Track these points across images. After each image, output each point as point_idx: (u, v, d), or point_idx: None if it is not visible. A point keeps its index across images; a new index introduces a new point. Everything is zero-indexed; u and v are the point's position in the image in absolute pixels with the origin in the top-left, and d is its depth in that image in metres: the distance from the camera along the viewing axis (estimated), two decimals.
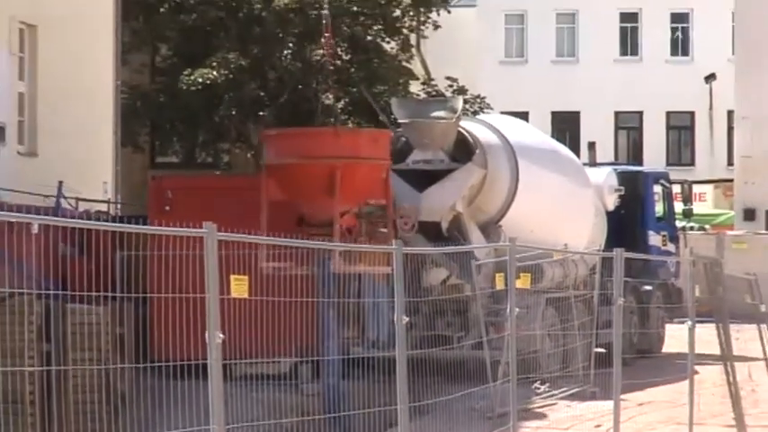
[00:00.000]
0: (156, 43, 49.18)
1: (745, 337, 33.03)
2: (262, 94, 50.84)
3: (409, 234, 35.73)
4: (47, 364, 25.73)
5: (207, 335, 15.00)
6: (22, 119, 40.63)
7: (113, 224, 30.49)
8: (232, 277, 16.10)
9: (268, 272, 28.04)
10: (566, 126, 73.46)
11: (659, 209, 48.72)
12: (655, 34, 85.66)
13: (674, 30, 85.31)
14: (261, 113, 47.41)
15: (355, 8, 46.73)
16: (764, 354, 32.20)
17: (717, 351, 31.80)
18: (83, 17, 43.17)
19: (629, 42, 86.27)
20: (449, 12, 59.59)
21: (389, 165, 38.59)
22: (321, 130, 44.23)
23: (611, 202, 44.72)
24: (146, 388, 24.08)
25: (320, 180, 36.82)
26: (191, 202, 33.48)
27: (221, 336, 14.81)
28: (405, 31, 53.37)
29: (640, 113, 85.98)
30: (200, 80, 47.04)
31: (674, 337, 38.11)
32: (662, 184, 50.01)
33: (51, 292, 26.40)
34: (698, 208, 65.15)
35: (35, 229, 18.54)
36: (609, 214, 44.11)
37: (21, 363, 23.91)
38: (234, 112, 47.26)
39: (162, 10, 47.00)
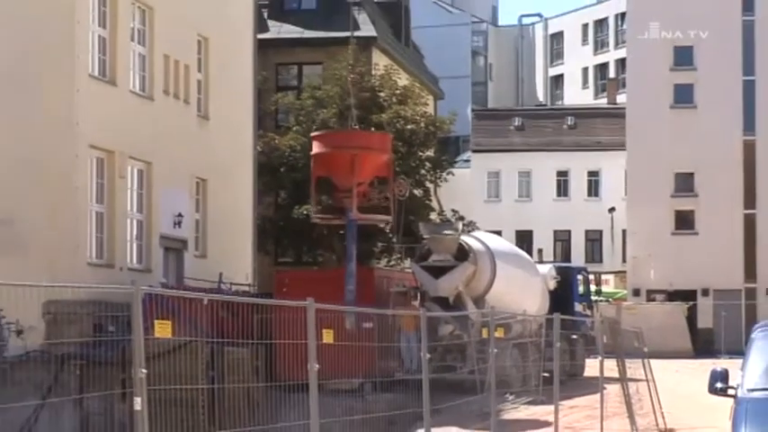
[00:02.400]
0: (278, 190, 48.63)
1: (634, 366, 32.52)
2: None
3: (428, 304, 35.44)
4: (211, 383, 25.55)
5: (309, 365, 14.87)
6: (197, 235, 40.40)
7: (252, 299, 30.10)
8: (324, 330, 16.04)
9: (347, 327, 27.86)
10: (524, 239, 72.33)
11: (581, 289, 48.25)
12: (578, 183, 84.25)
13: (589, 181, 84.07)
14: (341, 232, 46.97)
15: (397, 169, 46.33)
16: (645, 377, 31.75)
17: (617, 375, 31.34)
18: (234, 174, 43.23)
19: (562, 188, 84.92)
20: (452, 173, 58.91)
21: (390, 155, 41.20)
22: (345, 132, 44.42)
23: (552, 284, 44.60)
24: (273, 398, 23.82)
25: (345, 162, 38.64)
26: (299, 285, 33.24)
27: (317, 365, 14.74)
28: (427, 183, 52.75)
29: (569, 231, 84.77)
30: (305, 213, 46.61)
31: (591, 366, 37.89)
32: (582, 274, 49.85)
33: (214, 340, 26.18)
34: (605, 288, 64.37)
35: (205, 302, 18.57)
36: (550, 292, 43.70)
37: (195, 383, 23.81)
38: (325, 233, 46.91)
39: (282, 170, 46.45)
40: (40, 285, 26.58)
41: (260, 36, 49.45)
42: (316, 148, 40.90)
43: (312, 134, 43.68)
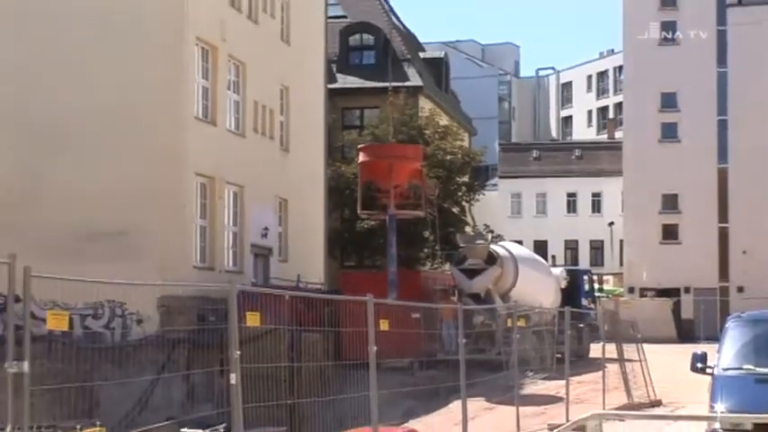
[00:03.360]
0: (344, 208, 48.48)
1: (629, 349, 32.26)
2: None
3: (464, 299, 35.38)
4: (291, 362, 25.42)
5: (369, 347, 14.80)
6: (280, 244, 40.47)
7: (323, 295, 30.13)
8: (381, 320, 15.96)
9: (399, 316, 27.84)
10: (540, 247, 71.82)
11: (586, 287, 48.01)
12: (584, 202, 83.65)
13: (593, 201, 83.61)
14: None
15: (438, 189, 46.34)
16: (639, 358, 31.49)
17: (615, 356, 31.20)
18: (309, 195, 43.34)
19: (571, 206, 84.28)
20: (483, 194, 58.70)
21: (420, 163, 41.51)
22: (384, 144, 45.16)
23: (563, 284, 44.65)
24: (340, 374, 23.74)
25: (384, 168, 39.07)
26: (361, 284, 33.09)
27: (375, 348, 14.69)
28: (463, 203, 52.62)
29: (577, 241, 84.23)
30: (365, 226, 46.58)
31: (594, 349, 37.67)
32: (587, 276, 49.70)
33: (293, 327, 26.05)
34: (605, 287, 63.96)
35: (286, 297, 18.62)
36: (562, 290, 43.54)
37: (278, 362, 23.75)
38: (381, 242, 46.84)
39: (346, 192, 46.31)
40: (156, 284, 26.81)
41: (330, 86, 49.51)
42: (362, 157, 41.23)
43: (359, 146, 43.80)
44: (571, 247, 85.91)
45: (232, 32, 36.84)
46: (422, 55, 65.84)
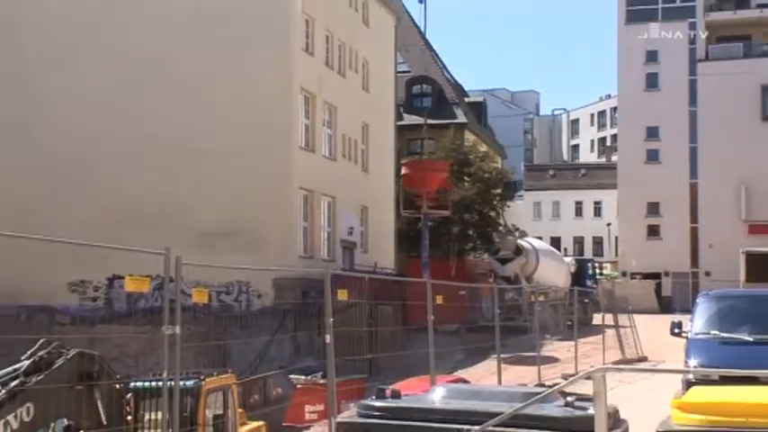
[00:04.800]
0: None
1: (622, 318, 31.91)
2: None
3: (498, 281, 35.18)
4: (370, 327, 25.37)
5: (428, 316, 14.73)
6: (362, 240, 40.48)
7: (394, 277, 30.08)
8: (436, 296, 15.85)
9: (450, 293, 27.72)
10: (555, 242, 71.24)
11: (590, 272, 47.49)
12: (588, 209, 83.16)
13: (594, 207, 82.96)
14: (445, 238, 46.63)
15: (478, 200, 46.04)
16: (629, 325, 31.15)
17: (612, 323, 30.83)
18: (383, 203, 43.00)
19: (578, 211, 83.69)
20: (513, 202, 58.27)
21: (446, 174, 40.27)
22: (420, 161, 44.09)
23: (572, 269, 44.13)
24: (406, 335, 23.73)
25: (419, 178, 38.71)
26: (421, 269, 33.00)
27: (432, 316, 14.58)
28: (497, 209, 52.19)
29: (582, 237, 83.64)
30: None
31: (596, 318, 37.28)
32: (591, 263, 48.94)
33: (372, 301, 26.04)
34: (604, 271, 63.33)
35: (366, 279, 18.39)
36: (571, 274, 43.19)
37: (361, 327, 23.74)
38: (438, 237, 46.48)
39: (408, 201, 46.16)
40: (271, 269, 26.97)
41: (398, 123, 49.39)
42: (404, 170, 41.04)
43: (402, 162, 42.71)
44: (578, 242, 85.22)
45: (326, 84, 37.03)
46: (466, 99, 65.18)
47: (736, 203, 60.06)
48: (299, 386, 19.55)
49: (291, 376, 19.75)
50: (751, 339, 13.35)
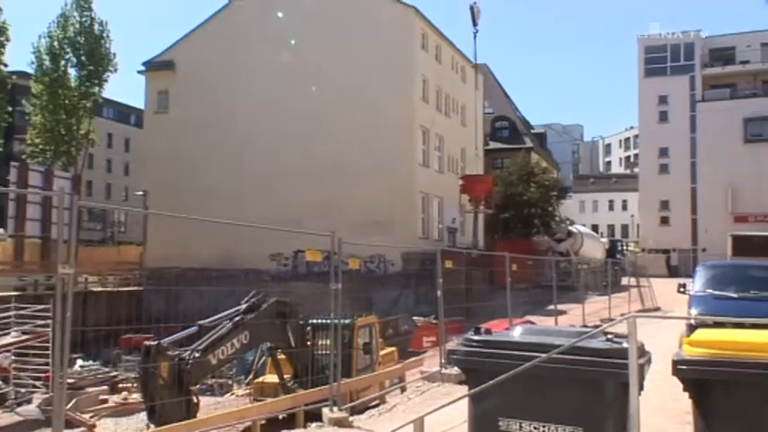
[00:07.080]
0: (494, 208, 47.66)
1: (642, 281, 30.65)
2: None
3: (554, 255, 34.07)
4: (466, 285, 24.94)
5: (506, 278, 14.27)
6: (460, 227, 39.65)
7: (482, 252, 29.51)
8: (512, 264, 15.40)
9: (521, 263, 27.10)
10: (595, 229, 69.14)
11: (619, 248, 45.84)
12: (618, 206, 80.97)
13: (622, 203, 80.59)
14: (519, 225, 45.49)
15: (539, 203, 45.11)
16: (647, 285, 29.89)
17: (635, 284, 29.66)
18: (454, 196, 38.77)
19: (611, 208, 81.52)
20: (565, 201, 56.93)
21: (491, 184, 38.02)
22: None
23: (607, 246, 42.37)
24: (490, 291, 23.16)
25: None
26: (501, 247, 32.61)
27: (509, 278, 14.18)
28: (555, 205, 50.89)
29: (613, 225, 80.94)
30: (502, 216, 45.64)
31: (624, 281, 35.90)
32: (620, 243, 47.21)
33: (467, 267, 25.61)
34: (630, 248, 61.18)
35: (464, 253, 17.70)
36: (606, 250, 41.61)
37: (461, 285, 23.44)
38: (511, 226, 45.39)
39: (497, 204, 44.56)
40: (399, 246, 27.09)
41: (485, 147, 48.99)
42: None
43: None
44: (611, 228, 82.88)
45: (436, 122, 36.99)
46: (532, 131, 64.25)
47: (724, 201, 57.79)
48: (419, 324, 19.59)
49: (414, 317, 19.80)
50: (736, 296, 12.77)
